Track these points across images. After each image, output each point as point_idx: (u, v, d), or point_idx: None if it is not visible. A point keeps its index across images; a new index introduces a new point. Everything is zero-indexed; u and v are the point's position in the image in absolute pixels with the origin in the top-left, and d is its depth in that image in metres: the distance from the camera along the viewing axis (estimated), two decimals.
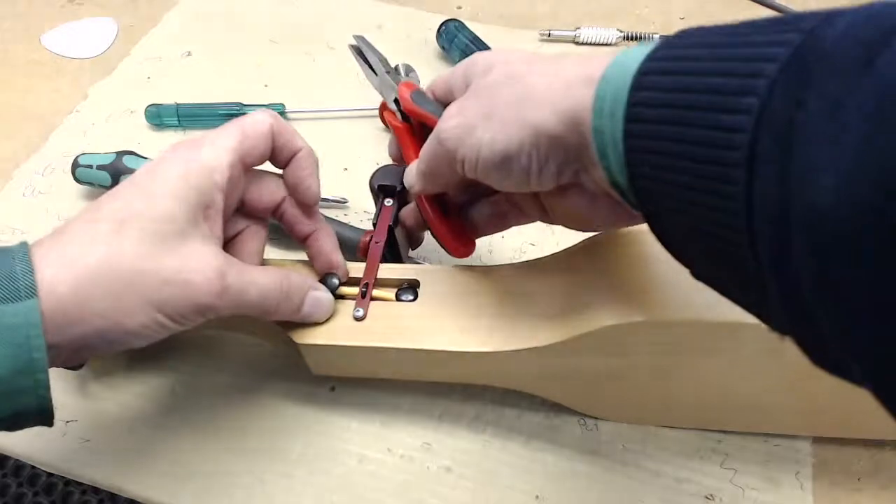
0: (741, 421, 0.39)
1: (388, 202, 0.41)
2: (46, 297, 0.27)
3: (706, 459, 0.39)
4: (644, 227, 0.26)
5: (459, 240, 0.39)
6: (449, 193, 0.38)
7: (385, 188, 0.41)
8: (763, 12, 0.69)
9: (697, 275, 0.25)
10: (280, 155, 0.35)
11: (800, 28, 0.19)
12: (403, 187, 0.39)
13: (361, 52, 0.41)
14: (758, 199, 0.19)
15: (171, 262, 0.30)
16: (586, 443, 0.40)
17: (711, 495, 0.38)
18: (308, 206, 0.37)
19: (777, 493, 0.38)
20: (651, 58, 0.23)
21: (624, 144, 0.24)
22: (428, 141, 0.34)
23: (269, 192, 0.35)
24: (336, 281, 0.37)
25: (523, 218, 0.37)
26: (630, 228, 0.35)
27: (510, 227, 0.38)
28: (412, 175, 0.36)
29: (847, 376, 0.19)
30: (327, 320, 0.37)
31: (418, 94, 0.37)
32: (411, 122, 0.38)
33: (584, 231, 0.35)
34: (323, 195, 0.52)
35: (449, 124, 0.31)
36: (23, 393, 0.28)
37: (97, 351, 0.30)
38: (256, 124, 0.34)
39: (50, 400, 0.29)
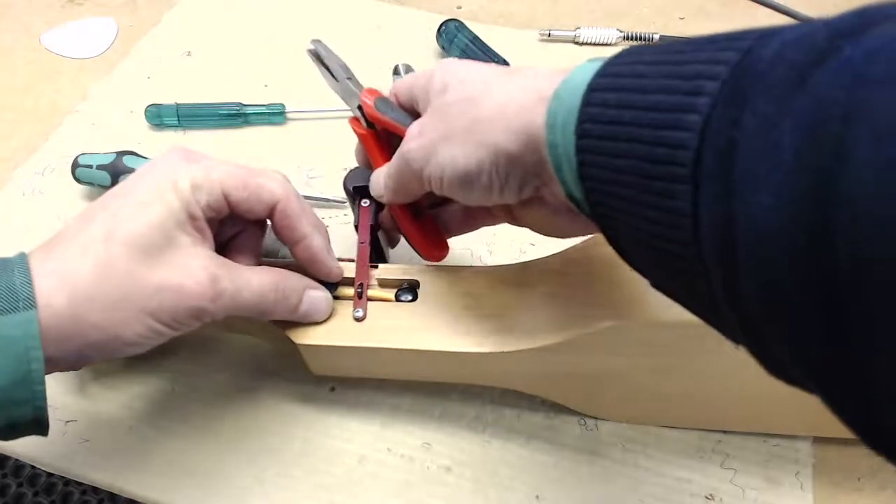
0: (741, 421, 0.39)
1: (365, 203, 0.40)
2: (44, 309, 0.28)
3: (706, 459, 0.39)
4: None
5: (432, 243, 0.40)
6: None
7: (360, 189, 0.41)
8: (762, 12, 0.69)
9: (655, 285, 0.25)
10: (285, 234, 0.35)
11: (737, 47, 0.19)
12: None
13: (320, 56, 0.40)
14: (703, 214, 0.19)
15: (162, 269, 0.30)
16: (586, 443, 0.40)
17: (711, 495, 0.38)
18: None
19: (777, 493, 0.38)
20: (599, 74, 0.24)
21: (577, 159, 0.24)
22: (394, 159, 0.34)
23: (260, 201, 0.34)
24: (334, 284, 0.37)
25: (491, 219, 0.37)
26: None
27: (480, 227, 0.39)
28: (380, 186, 0.36)
29: (799, 384, 0.19)
30: (327, 321, 0.37)
31: (382, 101, 0.37)
32: (376, 129, 0.38)
33: (550, 237, 0.35)
34: (324, 195, 0.52)
35: (412, 145, 0.32)
36: (19, 404, 0.28)
37: (93, 361, 0.30)
38: (262, 188, 0.33)
39: (46, 411, 0.29)
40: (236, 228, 0.36)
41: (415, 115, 0.35)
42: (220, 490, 0.39)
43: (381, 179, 0.36)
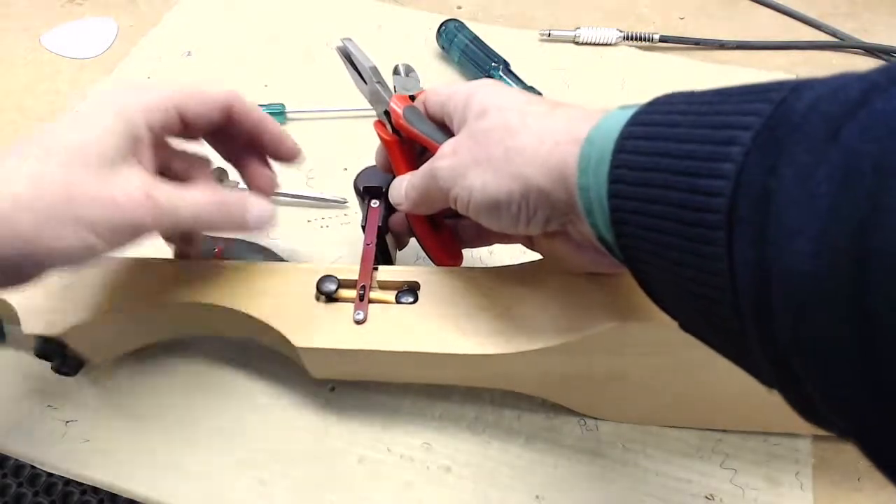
0: (742, 420, 0.39)
1: (375, 203, 0.40)
2: None
3: (706, 459, 0.39)
4: None
5: (447, 253, 0.40)
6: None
7: (371, 189, 0.40)
8: (762, 12, 0.69)
9: (684, 327, 0.26)
10: (248, 125, 0.36)
11: (770, 99, 0.20)
12: (389, 188, 0.39)
13: (349, 56, 0.39)
14: (738, 260, 0.20)
15: (98, 184, 0.30)
16: (586, 443, 0.40)
17: (711, 495, 0.38)
18: (290, 162, 0.39)
19: (777, 493, 0.38)
20: (632, 122, 0.25)
21: (608, 203, 0.25)
22: (422, 173, 0.34)
23: (215, 102, 0.35)
24: (333, 286, 0.37)
25: (507, 239, 0.38)
26: None
27: (495, 243, 0.40)
28: (401, 195, 0.36)
29: (832, 429, 0.20)
30: (328, 324, 0.36)
31: (411, 111, 0.36)
32: (401, 135, 0.38)
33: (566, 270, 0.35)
34: (323, 196, 0.52)
35: (443, 163, 0.32)
36: None
37: (23, 274, 0.30)
38: (211, 92, 0.34)
39: None
40: (184, 165, 0.37)
41: (443, 128, 0.35)
42: (221, 490, 0.39)
43: (402, 188, 0.36)
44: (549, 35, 0.65)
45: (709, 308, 0.22)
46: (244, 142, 0.37)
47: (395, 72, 0.62)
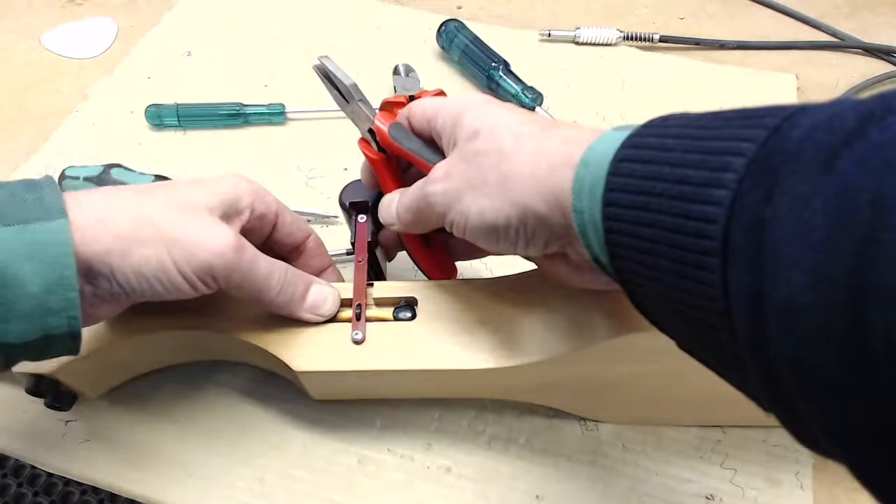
0: (745, 416, 0.39)
1: (362, 218, 0.40)
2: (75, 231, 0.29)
3: (706, 459, 0.39)
4: None
5: (440, 267, 0.39)
6: None
7: (357, 205, 0.40)
8: (762, 12, 0.69)
9: (681, 346, 0.25)
10: (295, 235, 0.38)
11: (764, 125, 0.20)
12: (375, 202, 0.38)
13: (328, 75, 0.37)
14: (733, 288, 0.19)
15: (192, 225, 0.31)
16: (586, 443, 0.40)
17: (711, 495, 0.38)
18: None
19: (777, 493, 0.38)
20: (626, 145, 0.24)
21: (603, 226, 0.25)
22: (414, 196, 0.34)
23: (293, 232, 0.38)
24: None
25: (502, 253, 0.37)
26: None
27: (488, 256, 0.39)
28: (392, 216, 0.36)
29: (827, 455, 0.20)
30: (326, 346, 0.36)
31: (396, 128, 0.36)
32: (387, 153, 0.37)
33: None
34: (307, 209, 0.52)
35: (437, 188, 0.32)
36: (53, 313, 0.28)
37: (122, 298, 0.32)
38: (302, 224, 0.38)
39: (80, 321, 0.29)
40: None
41: (430, 142, 0.35)
42: (221, 490, 0.39)
43: (393, 208, 0.36)
44: (549, 35, 0.65)
45: (704, 332, 0.22)
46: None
47: (395, 72, 0.62)
